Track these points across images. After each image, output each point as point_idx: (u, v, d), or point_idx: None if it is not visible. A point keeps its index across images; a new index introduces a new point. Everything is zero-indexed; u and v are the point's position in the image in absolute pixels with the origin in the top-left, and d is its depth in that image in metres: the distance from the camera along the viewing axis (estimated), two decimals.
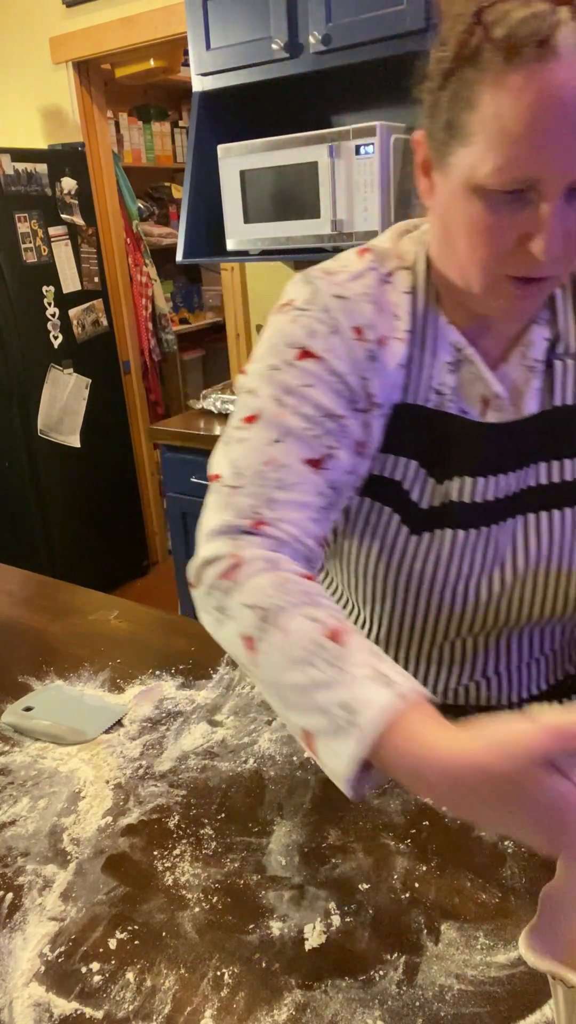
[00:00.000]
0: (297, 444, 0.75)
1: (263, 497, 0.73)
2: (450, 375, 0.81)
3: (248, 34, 2.13)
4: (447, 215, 0.72)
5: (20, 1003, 0.64)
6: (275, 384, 0.77)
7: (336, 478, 0.77)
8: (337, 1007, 0.62)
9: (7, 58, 3.23)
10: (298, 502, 0.74)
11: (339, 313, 0.78)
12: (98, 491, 3.38)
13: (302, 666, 0.62)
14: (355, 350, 0.78)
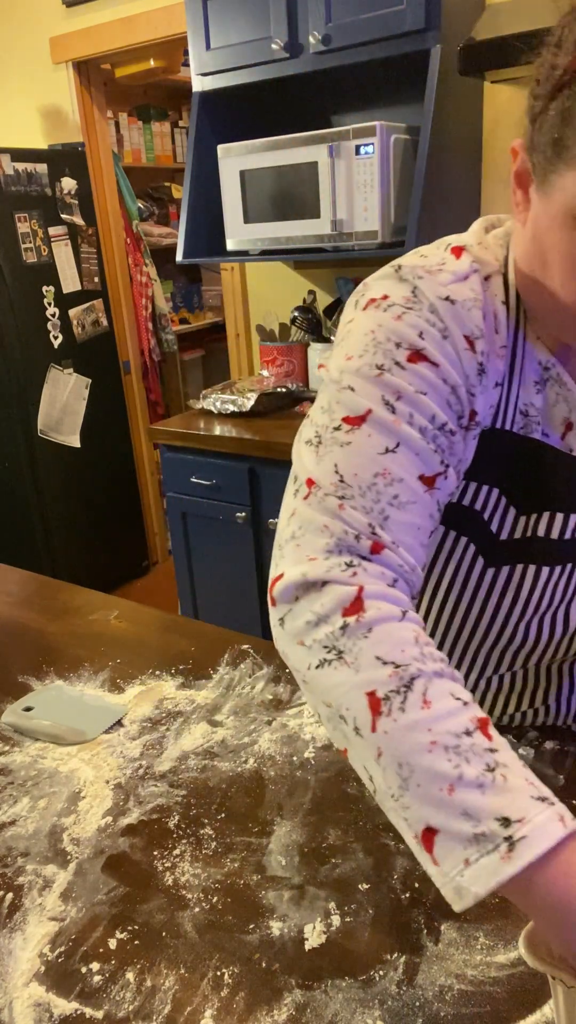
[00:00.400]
0: (412, 457, 0.65)
1: (377, 514, 0.63)
2: (538, 396, 0.74)
3: (248, 34, 2.13)
4: (544, 238, 0.65)
5: (20, 1003, 0.64)
6: (383, 386, 0.66)
7: (442, 499, 0.68)
8: (337, 1007, 0.62)
9: (7, 58, 3.23)
10: (413, 525, 0.65)
11: (449, 318, 0.68)
12: (98, 491, 3.38)
13: (450, 755, 0.53)
14: (466, 361, 0.68)
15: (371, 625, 0.58)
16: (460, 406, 0.69)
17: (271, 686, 1.04)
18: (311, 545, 0.63)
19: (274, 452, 2.20)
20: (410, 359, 0.66)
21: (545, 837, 0.49)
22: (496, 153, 2.23)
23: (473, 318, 0.68)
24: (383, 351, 0.67)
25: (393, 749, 0.55)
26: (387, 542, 0.63)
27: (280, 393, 2.52)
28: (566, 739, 0.89)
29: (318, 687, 0.60)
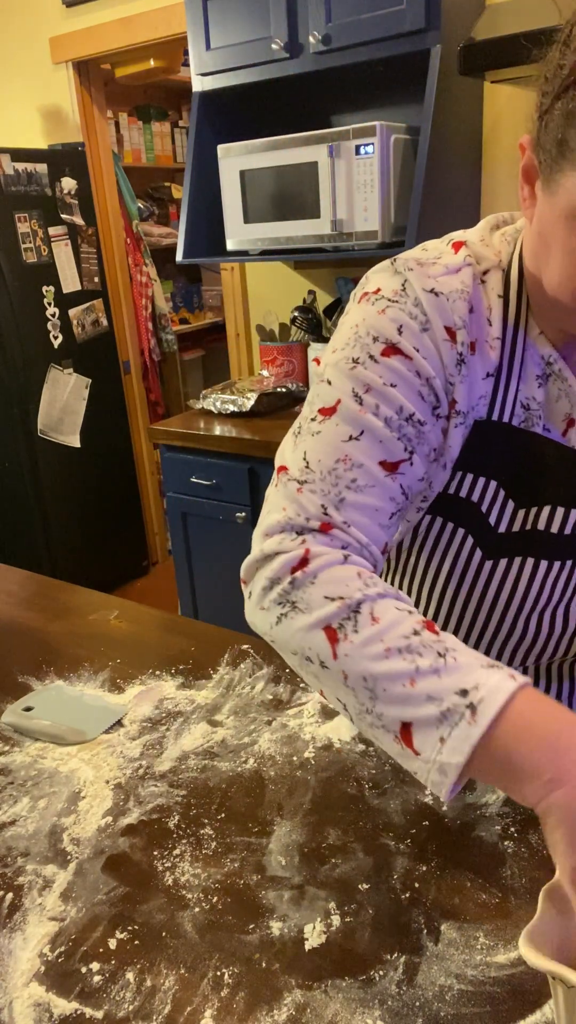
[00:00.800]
0: (374, 444, 0.69)
1: (333, 497, 0.68)
2: (539, 389, 0.75)
3: (248, 34, 2.13)
4: (547, 234, 0.67)
5: (20, 1003, 0.64)
6: (355, 379, 0.71)
7: (409, 484, 0.72)
8: (337, 1007, 0.62)
9: (7, 58, 3.23)
10: (369, 506, 0.69)
11: (432, 310, 0.70)
12: (98, 491, 3.38)
13: (404, 654, 0.59)
14: (445, 352, 0.71)
15: (316, 573, 0.64)
16: (434, 397, 0.72)
17: (271, 686, 1.04)
18: (266, 525, 0.69)
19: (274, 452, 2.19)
20: (384, 353, 0.70)
21: (499, 692, 0.55)
22: (496, 153, 2.23)
23: (456, 309, 0.71)
24: (361, 345, 0.71)
25: (355, 667, 0.61)
26: (337, 522, 0.68)
27: (280, 393, 2.52)
28: None
29: (282, 640, 0.66)
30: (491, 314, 0.73)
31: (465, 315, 0.71)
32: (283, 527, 0.68)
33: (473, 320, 0.72)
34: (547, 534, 0.78)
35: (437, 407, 0.72)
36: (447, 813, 0.80)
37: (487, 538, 0.79)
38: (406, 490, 0.72)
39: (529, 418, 0.76)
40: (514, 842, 0.76)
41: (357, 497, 0.68)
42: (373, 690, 0.60)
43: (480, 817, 0.79)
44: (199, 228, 2.42)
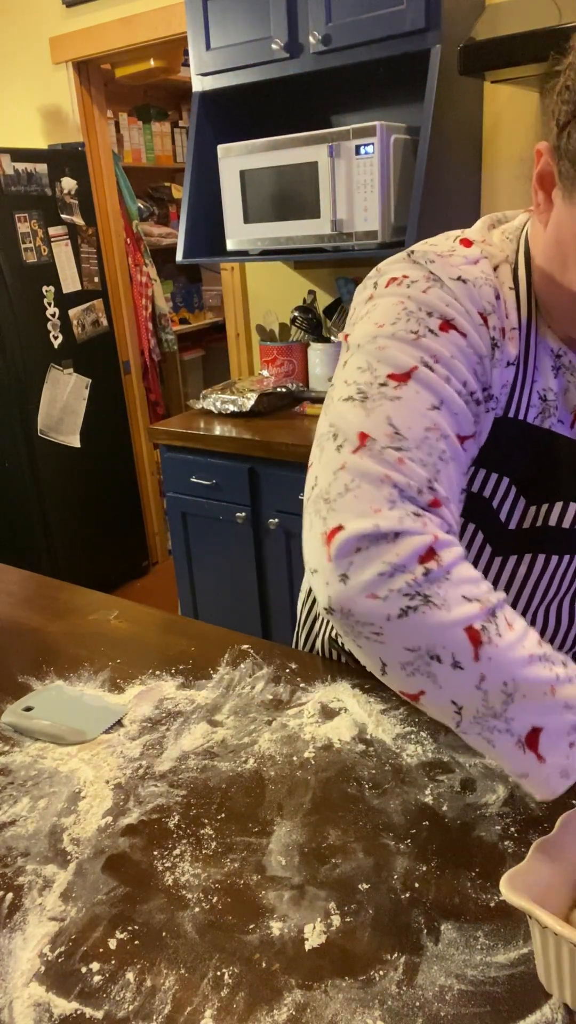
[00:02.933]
0: (452, 416, 0.66)
1: (434, 468, 0.64)
2: (555, 380, 0.75)
3: (248, 34, 2.13)
4: (566, 243, 0.66)
5: (20, 1003, 0.64)
6: (422, 349, 0.66)
7: (470, 459, 0.70)
8: (337, 1007, 0.62)
9: (7, 58, 3.23)
10: (458, 481, 0.66)
11: (463, 297, 0.69)
12: (98, 491, 3.38)
13: (543, 662, 0.60)
14: (483, 336, 0.70)
15: (449, 568, 0.60)
16: (485, 377, 0.70)
17: (271, 686, 1.04)
18: (372, 496, 0.61)
19: (274, 452, 2.20)
20: (442, 327, 0.67)
21: None
22: (496, 153, 2.23)
23: (485, 295, 0.70)
24: (416, 319, 0.67)
25: (497, 671, 0.59)
26: (442, 497, 0.63)
27: (280, 393, 2.52)
28: None
29: (402, 634, 0.60)
30: (507, 306, 0.73)
31: (493, 300, 0.70)
32: (394, 500, 0.61)
33: (499, 307, 0.71)
34: (556, 529, 0.78)
35: (486, 389, 0.71)
36: (447, 813, 0.80)
37: (497, 534, 0.79)
38: (467, 470, 0.69)
39: (546, 409, 0.75)
40: (514, 842, 0.76)
41: (449, 470, 0.64)
42: (512, 695, 0.59)
43: (480, 817, 0.80)
44: (199, 228, 2.42)
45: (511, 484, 0.76)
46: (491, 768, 0.86)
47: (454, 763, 0.87)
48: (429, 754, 0.88)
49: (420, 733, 0.91)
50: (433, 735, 0.91)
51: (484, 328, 0.69)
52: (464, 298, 0.68)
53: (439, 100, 1.93)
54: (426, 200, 1.97)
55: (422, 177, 1.95)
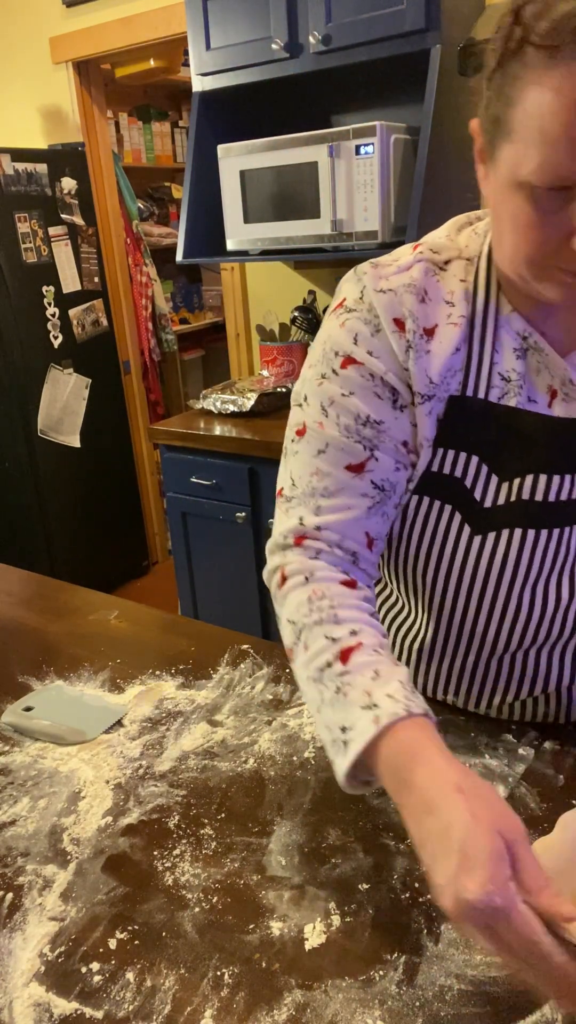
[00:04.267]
0: (338, 453, 0.80)
1: (312, 506, 0.80)
2: (518, 361, 0.79)
3: (248, 34, 2.13)
4: (496, 207, 0.71)
5: (20, 1003, 0.64)
6: (322, 395, 0.81)
7: (381, 478, 0.80)
8: (337, 1007, 0.62)
9: (7, 58, 3.23)
10: (342, 506, 0.79)
11: (381, 308, 0.78)
12: (98, 491, 3.38)
13: (316, 684, 0.71)
14: (395, 344, 0.78)
15: (285, 595, 0.78)
16: (391, 391, 0.79)
17: (271, 686, 1.04)
18: (269, 544, 0.85)
19: (274, 452, 2.20)
20: (343, 364, 0.80)
21: (361, 736, 0.64)
22: None
23: (405, 302, 0.78)
24: (326, 361, 0.81)
25: (299, 682, 0.75)
26: (309, 531, 0.80)
27: (280, 393, 2.52)
28: (566, 739, 0.89)
29: None
30: (453, 297, 0.79)
31: (414, 306, 0.78)
32: (275, 545, 0.83)
33: (429, 307, 0.79)
34: (533, 503, 0.81)
35: (396, 399, 0.80)
36: None
37: (474, 513, 0.83)
38: (379, 483, 0.80)
39: (509, 389, 0.80)
40: None
41: (330, 502, 0.80)
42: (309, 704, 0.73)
43: None
44: (199, 228, 2.42)
45: (480, 462, 0.81)
46: (491, 768, 0.86)
47: None
48: None
49: None
50: None
51: (399, 334, 0.78)
52: (382, 310, 0.78)
53: (439, 100, 1.93)
54: (426, 200, 1.97)
55: (422, 177, 1.95)
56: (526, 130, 0.63)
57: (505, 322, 0.79)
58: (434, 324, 0.79)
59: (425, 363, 0.78)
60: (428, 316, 0.78)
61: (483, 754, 0.88)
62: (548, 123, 0.61)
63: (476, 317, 0.79)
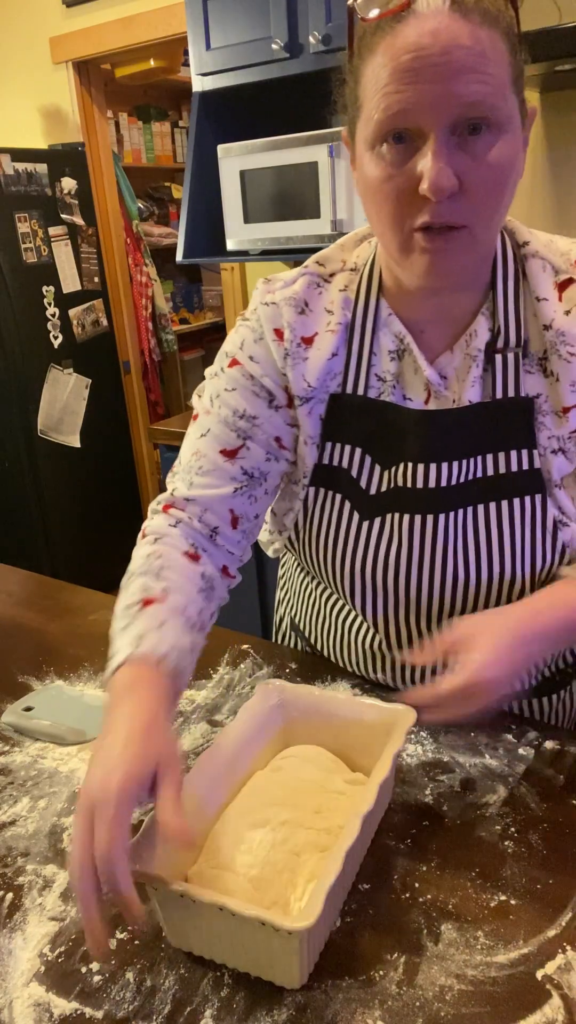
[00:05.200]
0: (215, 438, 0.90)
1: (187, 480, 0.91)
2: (392, 363, 0.86)
3: (248, 34, 2.13)
4: (361, 187, 0.76)
5: (20, 1003, 0.64)
6: (212, 388, 0.92)
7: (252, 466, 0.90)
8: (337, 1007, 0.62)
9: (7, 58, 3.23)
10: (211, 484, 0.90)
11: (264, 319, 0.88)
12: (98, 491, 3.38)
13: (117, 619, 0.81)
14: (274, 352, 0.87)
15: (137, 547, 0.91)
16: (267, 393, 0.89)
17: None
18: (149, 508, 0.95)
19: None
20: (230, 364, 0.90)
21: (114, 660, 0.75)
22: None
23: (284, 314, 0.86)
24: (219, 360, 0.92)
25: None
26: (178, 501, 0.91)
27: None
28: (566, 739, 0.89)
29: None
30: (333, 306, 0.87)
31: (292, 317, 0.86)
32: (149, 512, 0.94)
33: (308, 317, 0.87)
34: (412, 490, 0.86)
35: (273, 400, 0.89)
36: (447, 813, 0.80)
37: (361, 500, 0.89)
38: (248, 470, 0.90)
39: (385, 389, 0.87)
40: (514, 842, 0.76)
41: (202, 479, 0.90)
42: None
43: (480, 817, 0.80)
44: (199, 228, 2.42)
45: (364, 453, 0.88)
46: (491, 768, 0.86)
47: (454, 763, 0.87)
48: (429, 754, 0.88)
49: (420, 733, 0.91)
50: (433, 735, 0.91)
51: (278, 342, 0.87)
52: (265, 320, 0.87)
53: None
54: None
55: None
56: (369, 91, 0.70)
57: (384, 325, 0.86)
58: (313, 332, 0.87)
59: (302, 369, 0.86)
60: (307, 325, 0.87)
61: (483, 754, 0.88)
62: (380, 80, 0.68)
63: (356, 322, 0.86)
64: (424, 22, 0.66)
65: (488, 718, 0.89)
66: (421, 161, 0.69)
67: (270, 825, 0.71)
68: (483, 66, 0.66)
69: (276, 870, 0.68)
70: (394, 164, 0.70)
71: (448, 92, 0.66)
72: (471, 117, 0.67)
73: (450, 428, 0.84)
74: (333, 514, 0.91)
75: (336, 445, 0.89)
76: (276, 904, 0.66)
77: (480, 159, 0.69)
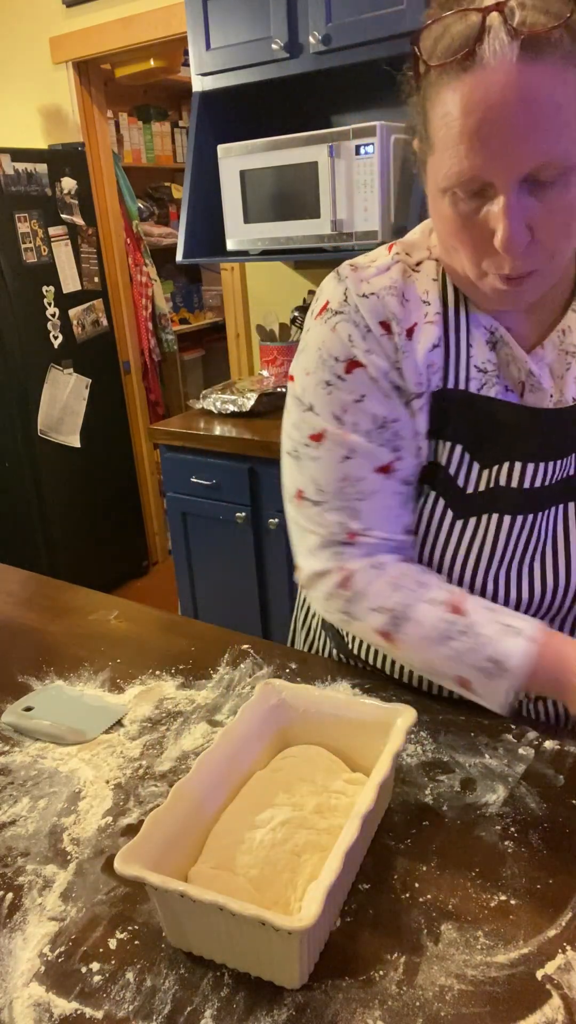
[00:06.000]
0: (365, 458, 0.83)
1: (348, 510, 0.84)
2: (491, 352, 0.83)
3: (248, 34, 2.13)
4: (433, 216, 0.77)
5: (20, 1003, 0.64)
6: (332, 403, 0.83)
7: (407, 474, 0.86)
8: (337, 1007, 0.62)
9: (7, 58, 3.23)
10: (379, 507, 0.85)
11: (366, 312, 0.81)
12: (98, 491, 3.38)
13: (444, 643, 0.79)
14: (386, 345, 0.82)
15: (362, 590, 0.84)
16: (396, 389, 0.83)
17: None
18: (303, 542, 0.88)
19: (274, 452, 2.19)
20: (347, 369, 0.82)
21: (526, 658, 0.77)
22: None
23: (388, 304, 0.81)
24: (328, 368, 0.83)
25: (412, 657, 0.84)
26: (358, 530, 0.85)
27: (280, 393, 2.52)
28: (566, 739, 0.89)
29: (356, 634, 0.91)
30: (428, 296, 0.83)
31: (396, 307, 0.81)
32: (321, 545, 0.86)
33: (408, 307, 0.82)
34: (509, 490, 0.84)
35: (400, 395, 0.83)
36: (447, 813, 0.80)
37: (457, 499, 0.86)
38: (407, 479, 0.85)
39: (487, 380, 0.83)
40: (514, 842, 0.76)
41: (366, 504, 0.84)
42: (431, 668, 0.83)
43: (480, 817, 0.80)
44: (199, 228, 2.42)
45: (464, 451, 0.84)
46: (491, 768, 0.86)
47: (454, 763, 0.87)
48: (429, 754, 0.88)
49: (420, 733, 0.91)
50: (433, 735, 0.91)
51: (387, 336, 0.81)
52: (368, 313, 0.81)
53: None
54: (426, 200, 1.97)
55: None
56: (439, 140, 0.69)
57: (475, 316, 0.83)
58: (413, 323, 0.82)
59: (412, 362, 0.82)
60: (408, 316, 0.82)
61: (483, 754, 0.88)
62: (450, 131, 0.67)
63: (449, 313, 0.83)
64: (492, 75, 0.63)
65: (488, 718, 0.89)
66: (493, 215, 0.68)
67: (270, 825, 0.71)
68: (557, 118, 0.64)
69: (276, 870, 0.68)
70: (468, 215, 0.70)
71: (519, 153, 0.65)
72: (539, 176, 0.66)
73: (557, 428, 0.83)
74: (426, 512, 0.88)
75: (441, 443, 0.85)
76: (276, 904, 0.66)
77: (553, 206, 0.68)
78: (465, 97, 0.65)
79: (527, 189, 0.67)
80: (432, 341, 0.82)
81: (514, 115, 0.63)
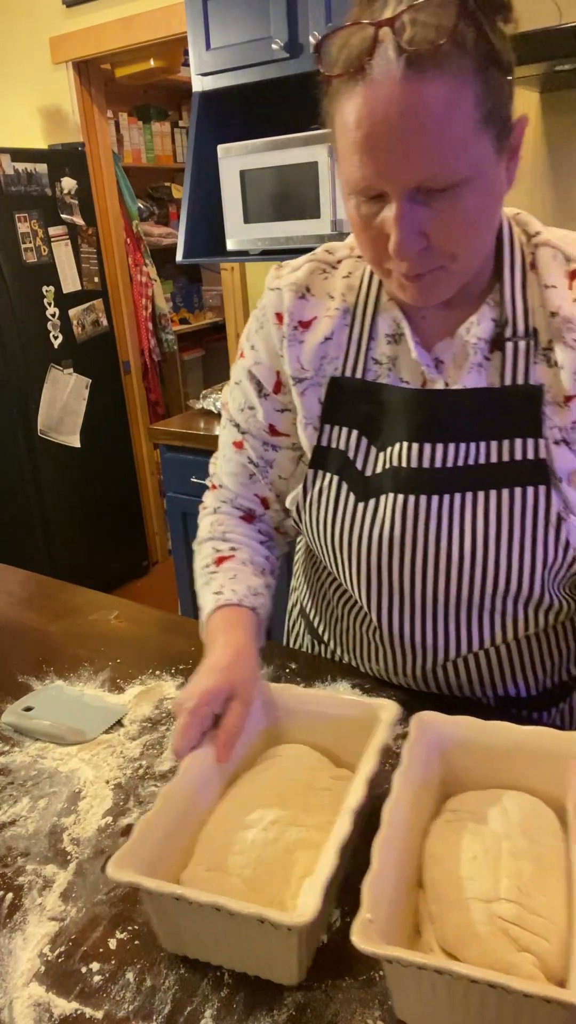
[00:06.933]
0: (227, 431, 1.02)
1: (216, 467, 1.05)
2: (388, 347, 0.88)
3: (248, 34, 2.13)
4: (347, 217, 0.80)
5: (20, 1003, 0.64)
6: (231, 379, 1.00)
7: (256, 456, 0.99)
8: (337, 1007, 0.62)
9: (7, 58, 3.23)
10: (228, 472, 1.02)
11: (268, 305, 0.93)
12: (98, 491, 3.38)
13: (198, 577, 0.97)
14: (273, 334, 0.92)
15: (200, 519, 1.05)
16: (257, 383, 0.96)
17: None
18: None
19: None
20: (239, 355, 0.98)
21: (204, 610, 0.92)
22: None
23: (284, 299, 0.91)
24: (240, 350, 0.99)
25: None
26: (215, 482, 1.06)
27: None
28: None
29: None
30: (333, 292, 0.90)
31: (292, 302, 0.91)
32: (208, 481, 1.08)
33: (307, 302, 0.91)
34: (406, 469, 0.86)
35: (262, 389, 0.95)
36: None
37: (356, 482, 0.90)
38: (254, 460, 0.99)
39: (381, 372, 0.89)
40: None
41: (224, 466, 1.03)
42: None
43: None
44: (199, 228, 2.42)
45: (360, 435, 0.89)
46: None
47: None
48: None
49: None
50: None
51: (277, 326, 0.92)
52: (268, 305, 0.93)
53: None
54: None
55: None
56: (340, 146, 0.73)
57: (384, 310, 0.88)
58: (312, 317, 0.90)
59: (298, 351, 0.90)
60: (306, 310, 0.90)
61: None
62: (348, 139, 0.70)
63: (357, 307, 0.89)
64: (379, 90, 0.66)
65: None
66: (387, 221, 0.71)
67: (261, 825, 0.71)
68: (440, 130, 0.66)
69: (269, 869, 0.68)
70: (368, 218, 0.74)
71: (402, 167, 0.68)
72: (429, 186, 0.69)
73: (445, 409, 0.84)
74: (330, 495, 0.91)
75: (335, 428, 0.91)
76: (272, 903, 0.66)
77: (445, 214, 0.71)
78: (357, 109, 0.68)
79: (419, 198, 0.70)
80: (325, 333, 0.89)
81: (397, 131, 0.66)
